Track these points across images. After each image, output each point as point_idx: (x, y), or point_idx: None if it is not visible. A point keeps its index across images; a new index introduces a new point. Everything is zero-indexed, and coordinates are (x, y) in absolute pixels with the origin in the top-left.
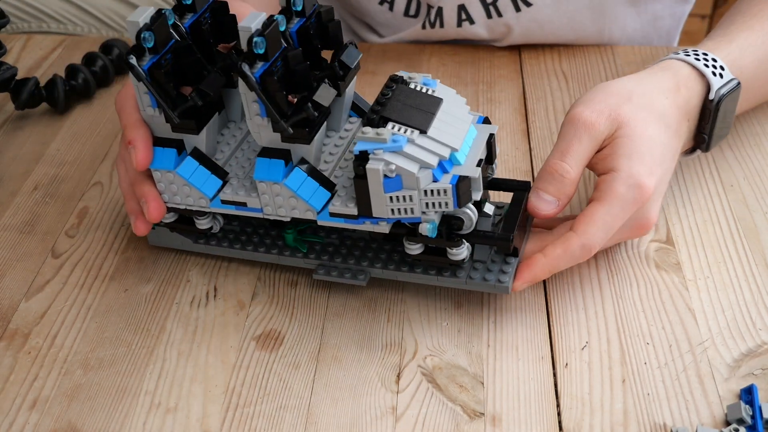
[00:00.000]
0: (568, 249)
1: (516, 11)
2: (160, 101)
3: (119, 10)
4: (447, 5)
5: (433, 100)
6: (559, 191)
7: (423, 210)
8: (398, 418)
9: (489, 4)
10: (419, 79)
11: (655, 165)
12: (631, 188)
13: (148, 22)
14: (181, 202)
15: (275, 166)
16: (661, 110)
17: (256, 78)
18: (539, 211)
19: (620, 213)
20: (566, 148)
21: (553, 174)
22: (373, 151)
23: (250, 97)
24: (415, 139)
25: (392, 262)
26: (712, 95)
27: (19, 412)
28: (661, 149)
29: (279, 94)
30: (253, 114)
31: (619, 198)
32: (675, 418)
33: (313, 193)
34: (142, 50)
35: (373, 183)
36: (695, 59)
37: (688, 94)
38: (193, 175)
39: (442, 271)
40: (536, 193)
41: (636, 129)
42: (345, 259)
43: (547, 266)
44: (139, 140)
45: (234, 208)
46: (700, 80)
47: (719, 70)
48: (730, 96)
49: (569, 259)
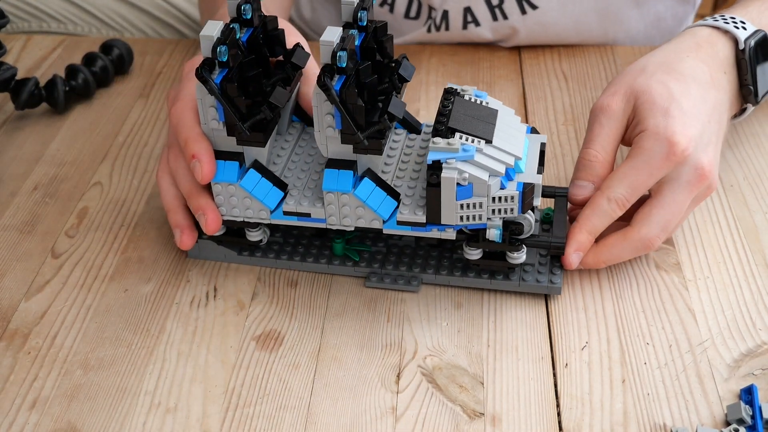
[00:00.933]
0: (595, 205)
1: (522, 14)
2: (231, 114)
3: (119, 10)
4: (453, 8)
5: (490, 111)
6: (591, 174)
7: (489, 216)
8: (398, 418)
9: (495, 6)
10: (471, 92)
11: (688, 118)
12: (658, 142)
13: (220, 36)
14: (239, 215)
15: (344, 177)
16: (683, 69)
17: (337, 91)
18: (575, 196)
19: (645, 167)
20: (589, 136)
21: (582, 162)
22: (446, 161)
23: (323, 110)
24: (482, 149)
25: (444, 268)
26: (741, 45)
27: (18, 412)
28: (693, 102)
29: (358, 107)
30: (326, 126)
31: (644, 152)
32: (675, 418)
33: (381, 203)
34: (212, 64)
35: (446, 191)
36: (713, 20)
37: (712, 50)
38: (256, 187)
39: (494, 275)
40: (573, 183)
41: (655, 92)
42: (396, 266)
43: (584, 228)
44: (204, 154)
45: (296, 219)
46: (722, 36)
47: (741, 24)
48: (760, 43)
49: (601, 216)
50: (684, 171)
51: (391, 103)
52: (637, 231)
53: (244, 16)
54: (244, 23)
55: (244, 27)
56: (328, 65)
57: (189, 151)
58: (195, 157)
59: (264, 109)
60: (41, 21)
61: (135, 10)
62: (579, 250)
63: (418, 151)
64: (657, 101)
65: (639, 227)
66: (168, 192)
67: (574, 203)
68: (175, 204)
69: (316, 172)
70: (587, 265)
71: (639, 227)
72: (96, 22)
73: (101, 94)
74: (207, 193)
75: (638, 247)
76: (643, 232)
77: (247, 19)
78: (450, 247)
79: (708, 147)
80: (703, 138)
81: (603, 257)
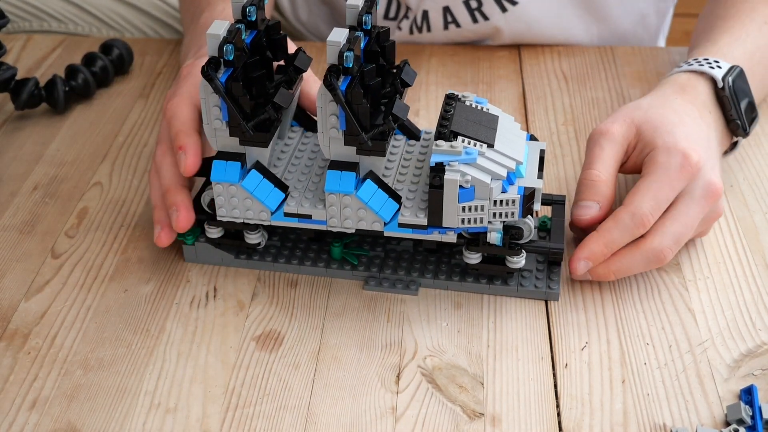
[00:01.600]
0: (618, 219)
1: (502, 11)
2: (235, 114)
3: (119, 10)
4: (432, 7)
5: (491, 116)
6: (596, 194)
7: (489, 220)
8: (398, 418)
9: (474, 9)
10: (472, 98)
11: (692, 139)
12: (672, 156)
13: (226, 35)
14: (240, 216)
15: (347, 179)
16: (675, 107)
17: (342, 91)
18: (580, 217)
19: (665, 179)
20: (590, 158)
21: (585, 182)
22: (449, 163)
23: (328, 111)
24: (485, 152)
25: (442, 272)
26: (720, 83)
27: (18, 412)
28: (693, 128)
29: (363, 107)
30: (329, 127)
31: (661, 166)
32: (675, 419)
33: (382, 205)
34: (218, 63)
35: (449, 193)
36: (688, 65)
37: (694, 92)
38: (258, 188)
39: (493, 280)
40: (576, 204)
41: (656, 119)
42: (395, 271)
43: (601, 239)
44: (191, 147)
45: (296, 221)
46: (701, 78)
47: (714, 64)
48: (737, 78)
49: (622, 231)
50: (697, 186)
51: (396, 105)
52: (651, 242)
53: (248, 18)
54: (248, 25)
55: (249, 29)
56: (335, 66)
57: (178, 143)
58: (182, 149)
59: (269, 109)
60: (41, 20)
61: (135, 11)
62: (589, 259)
63: (417, 156)
64: (660, 125)
65: (653, 238)
66: (156, 189)
67: (580, 225)
68: (160, 201)
69: (317, 175)
70: (597, 275)
71: (653, 238)
72: (96, 22)
73: (101, 94)
74: (186, 191)
75: (650, 258)
76: (656, 242)
77: (252, 21)
78: (448, 252)
79: (715, 168)
80: (710, 159)
81: (614, 267)
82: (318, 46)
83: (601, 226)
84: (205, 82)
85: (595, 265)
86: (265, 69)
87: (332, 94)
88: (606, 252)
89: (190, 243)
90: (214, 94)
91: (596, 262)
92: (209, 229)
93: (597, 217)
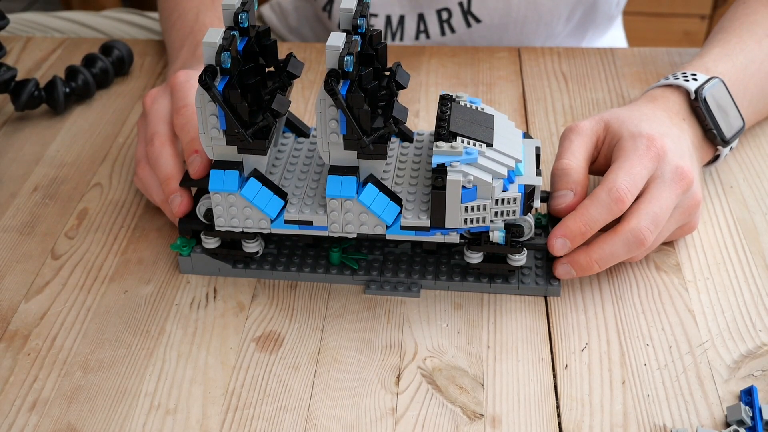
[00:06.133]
0: (594, 196)
1: (467, 27)
2: (233, 122)
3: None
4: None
5: (487, 116)
6: (568, 182)
7: (491, 219)
8: (398, 419)
9: (444, 21)
10: (465, 98)
11: (656, 129)
12: (638, 140)
13: (223, 43)
14: (239, 225)
15: (348, 183)
16: (645, 110)
17: (343, 95)
18: (557, 206)
19: (635, 158)
20: (560, 152)
21: (556, 172)
22: (450, 164)
23: (328, 116)
24: (484, 152)
25: (442, 273)
26: (692, 95)
27: (18, 413)
28: (659, 123)
29: (364, 111)
30: (329, 132)
31: (627, 148)
32: (675, 420)
33: (384, 208)
34: (215, 71)
35: (452, 194)
36: (665, 80)
37: (666, 102)
38: (257, 196)
39: (494, 279)
40: (552, 196)
41: (624, 115)
42: (395, 273)
43: (578, 217)
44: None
45: (297, 228)
46: (675, 90)
47: (691, 77)
48: (714, 90)
49: (599, 207)
50: (666, 170)
51: (395, 108)
52: (628, 223)
53: (240, 25)
54: (241, 32)
55: (241, 36)
56: (334, 70)
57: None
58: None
59: (267, 116)
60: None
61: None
62: (566, 236)
63: (412, 158)
64: (627, 119)
65: (629, 219)
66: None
67: (558, 214)
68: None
69: (314, 180)
70: (580, 267)
71: (629, 219)
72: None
73: (101, 95)
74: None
75: (630, 241)
76: (633, 223)
77: (244, 27)
78: (447, 253)
79: (684, 157)
80: (678, 149)
81: (595, 256)
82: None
83: (580, 206)
84: (202, 91)
85: (573, 243)
86: (260, 75)
87: (333, 99)
88: (584, 229)
89: (186, 254)
90: (211, 103)
91: (574, 241)
92: (206, 239)
93: (573, 203)
